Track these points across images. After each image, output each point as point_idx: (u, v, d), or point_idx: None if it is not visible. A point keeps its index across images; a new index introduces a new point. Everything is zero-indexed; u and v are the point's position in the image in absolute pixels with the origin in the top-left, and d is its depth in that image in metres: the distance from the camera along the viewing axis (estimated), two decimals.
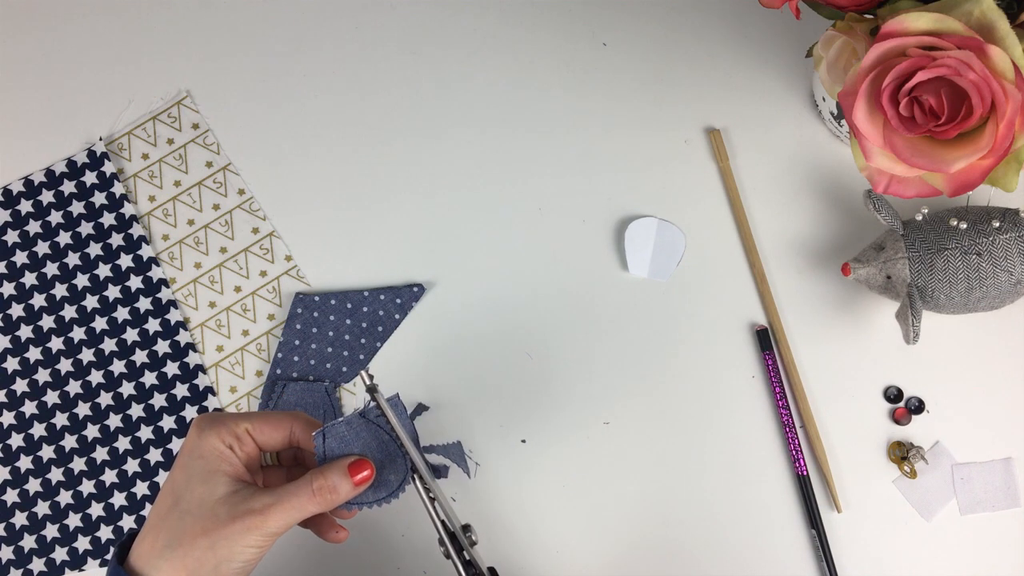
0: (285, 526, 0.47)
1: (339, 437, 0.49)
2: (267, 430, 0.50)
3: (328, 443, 0.49)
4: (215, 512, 0.46)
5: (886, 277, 0.60)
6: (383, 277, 0.67)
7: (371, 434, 0.49)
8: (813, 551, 0.61)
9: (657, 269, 0.66)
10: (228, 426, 0.48)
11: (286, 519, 0.47)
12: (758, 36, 0.69)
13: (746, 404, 0.63)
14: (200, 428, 0.48)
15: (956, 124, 0.46)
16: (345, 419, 0.49)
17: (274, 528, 0.46)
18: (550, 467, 0.63)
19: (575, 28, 0.70)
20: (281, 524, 0.47)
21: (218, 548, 0.45)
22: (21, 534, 0.64)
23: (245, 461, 0.49)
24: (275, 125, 0.69)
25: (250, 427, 0.49)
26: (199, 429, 0.48)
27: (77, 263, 0.67)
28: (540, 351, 0.65)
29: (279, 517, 0.46)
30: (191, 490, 0.47)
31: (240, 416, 0.49)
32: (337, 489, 0.48)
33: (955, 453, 0.62)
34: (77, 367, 0.66)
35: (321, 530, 0.53)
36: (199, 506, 0.46)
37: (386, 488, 0.50)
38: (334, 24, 0.71)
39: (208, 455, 0.48)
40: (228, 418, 0.49)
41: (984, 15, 0.45)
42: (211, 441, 0.48)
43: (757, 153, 0.67)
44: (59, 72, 0.71)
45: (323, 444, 0.49)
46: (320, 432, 0.49)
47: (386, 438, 0.49)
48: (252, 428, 0.49)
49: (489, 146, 0.68)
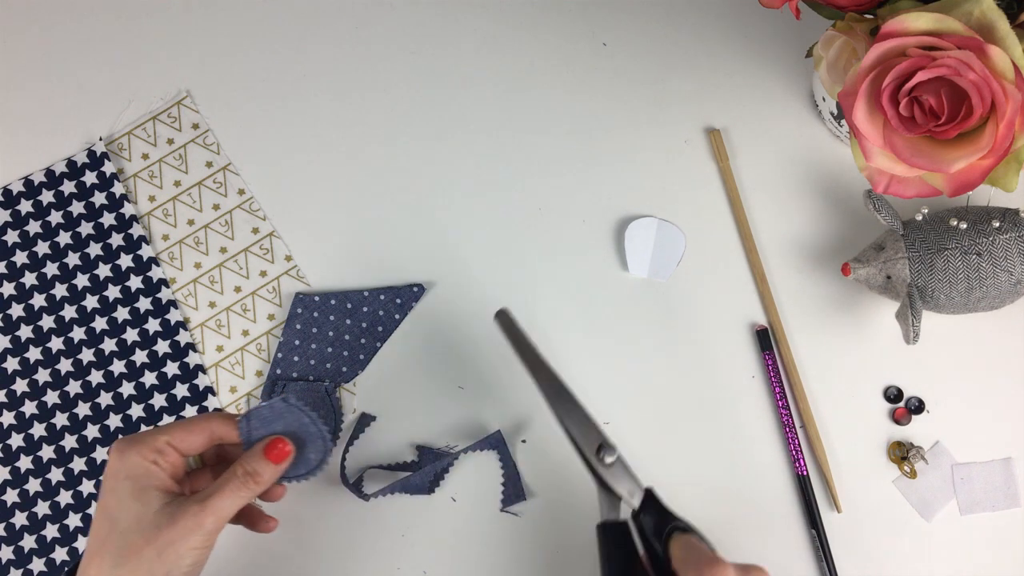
0: (222, 520, 0.50)
1: (261, 418, 0.53)
2: (187, 437, 0.52)
3: (252, 423, 0.53)
4: (155, 523, 0.48)
5: (886, 277, 0.60)
6: (383, 277, 0.67)
7: (292, 416, 0.53)
8: (813, 551, 0.61)
9: (657, 269, 0.66)
10: (147, 443, 0.50)
11: (221, 513, 0.49)
12: (758, 36, 0.69)
13: (746, 404, 0.63)
14: (120, 451, 0.50)
15: (956, 124, 0.46)
16: (268, 403, 0.53)
17: (211, 525, 0.49)
18: (550, 467, 0.63)
19: (575, 28, 0.70)
20: (218, 519, 0.49)
21: (165, 555, 0.47)
22: (21, 534, 0.64)
23: (171, 473, 0.51)
24: (275, 125, 0.69)
25: (169, 439, 0.51)
26: (119, 452, 0.50)
27: (77, 263, 0.67)
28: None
29: (214, 513, 0.49)
30: (126, 510, 0.48)
31: (157, 431, 0.51)
32: (260, 472, 0.51)
33: (955, 453, 0.62)
34: (77, 367, 0.66)
35: (251, 523, 0.56)
36: (138, 522, 0.48)
37: (306, 465, 0.53)
38: (334, 24, 0.71)
39: (134, 474, 0.49)
40: (146, 435, 0.51)
41: (984, 15, 0.45)
42: (134, 460, 0.49)
43: (757, 153, 0.67)
44: (59, 72, 0.71)
45: (247, 426, 0.53)
46: (244, 416, 0.53)
47: (306, 420, 0.53)
48: (172, 439, 0.51)
49: (489, 146, 0.68)
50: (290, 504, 0.64)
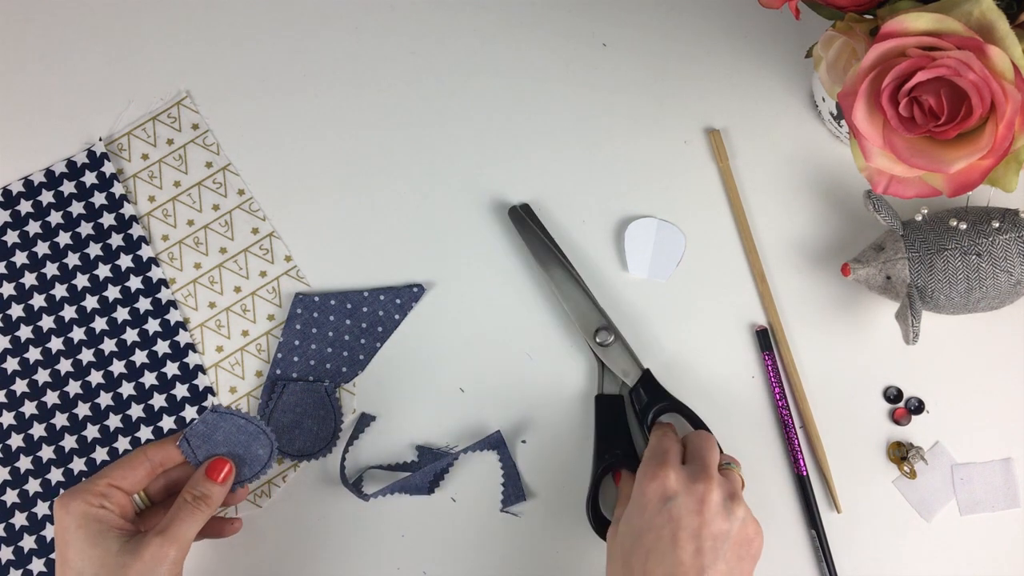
0: (186, 545, 0.51)
1: (199, 435, 0.55)
2: (126, 474, 0.52)
3: (193, 443, 0.55)
4: (120, 563, 0.49)
5: (886, 277, 0.60)
6: (383, 277, 0.67)
7: (228, 422, 0.55)
8: (813, 551, 0.61)
9: (657, 269, 0.66)
10: (89, 490, 0.51)
11: (183, 540, 0.51)
12: (758, 36, 0.69)
13: (746, 404, 0.63)
14: (64, 504, 0.50)
15: (956, 124, 0.46)
16: (199, 419, 0.55)
17: (176, 553, 0.50)
18: (550, 467, 0.63)
19: (575, 28, 0.70)
20: (181, 545, 0.50)
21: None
22: (21, 534, 0.64)
23: (120, 513, 0.51)
24: (275, 125, 0.69)
25: (109, 480, 0.51)
26: (63, 506, 0.50)
27: (77, 263, 0.67)
28: (540, 351, 0.65)
29: (176, 540, 0.50)
30: (87, 558, 0.49)
31: (95, 477, 0.52)
32: (209, 495, 0.53)
33: (955, 453, 0.62)
34: (77, 367, 0.66)
35: (215, 532, 0.58)
36: (102, 566, 0.49)
37: (258, 463, 0.56)
38: (334, 24, 0.71)
39: (85, 523, 0.50)
40: (86, 484, 0.51)
41: (984, 15, 0.45)
42: (81, 509, 0.50)
43: (757, 153, 0.67)
44: (59, 72, 0.71)
45: (189, 448, 0.55)
46: (183, 439, 0.54)
47: (241, 421, 0.55)
48: (111, 480, 0.52)
49: (489, 146, 0.68)
50: (290, 504, 0.64)
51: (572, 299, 0.62)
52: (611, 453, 0.60)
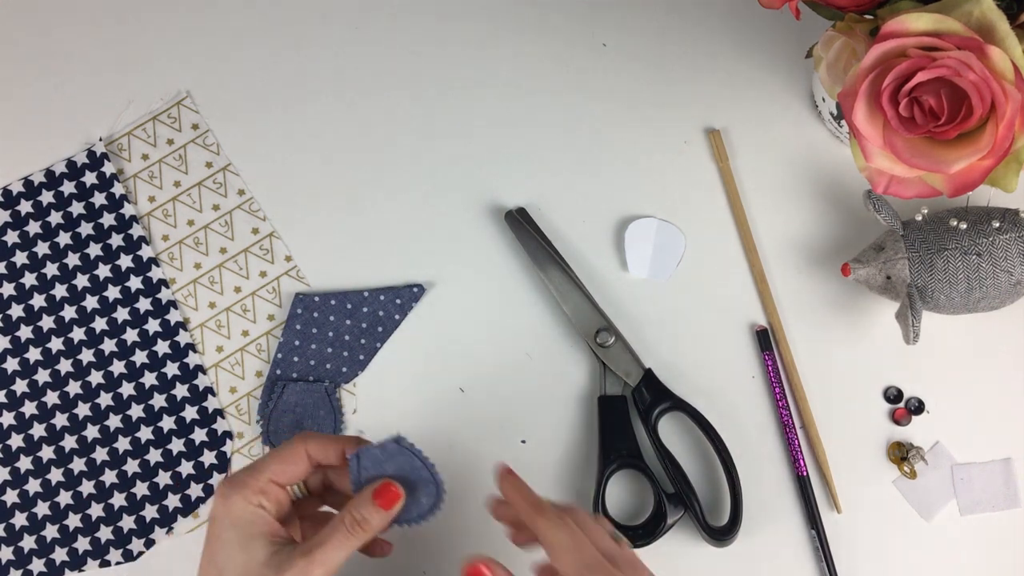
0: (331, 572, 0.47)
1: (372, 459, 0.50)
2: (287, 468, 0.50)
3: (363, 463, 0.50)
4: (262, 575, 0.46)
5: (886, 277, 0.60)
6: (383, 277, 0.67)
7: (404, 458, 0.50)
8: (813, 551, 0.61)
9: (657, 269, 0.66)
10: (251, 485, 0.48)
11: (328, 565, 0.47)
12: (758, 36, 0.69)
13: (746, 404, 0.63)
14: (225, 495, 0.48)
15: (956, 125, 0.46)
16: (379, 443, 0.50)
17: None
18: (551, 467, 0.63)
19: (575, 29, 0.70)
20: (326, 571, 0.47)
21: None
22: (21, 534, 0.64)
23: (276, 513, 0.49)
24: (275, 125, 0.69)
25: (271, 475, 0.49)
26: (224, 497, 0.48)
27: (77, 263, 0.67)
28: (540, 351, 0.65)
29: (322, 565, 0.47)
30: (232, 560, 0.47)
31: (258, 469, 0.49)
32: (368, 521, 0.48)
33: (955, 453, 0.62)
34: (77, 367, 0.66)
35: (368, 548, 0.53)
36: (245, 573, 0.47)
37: (417, 509, 0.51)
38: (334, 25, 0.71)
39: (239, 522, 0.48)
40: (249, 476, 0.49)
41: (984, 15, 0.45)
42: (239, 506, 0.48)
43: (757, 153, 0.67)
44: (59, 72, 0.71)
45: (357, 466, 0.50)
46: (355, 456, 0.50)
47: (417, 463, 0.50)
48: (273, 475, 0.49)
49: (488, 146, 0.68)
50: None
51: (571, 301, 0.63)
52: (617, 453, 0.61)
